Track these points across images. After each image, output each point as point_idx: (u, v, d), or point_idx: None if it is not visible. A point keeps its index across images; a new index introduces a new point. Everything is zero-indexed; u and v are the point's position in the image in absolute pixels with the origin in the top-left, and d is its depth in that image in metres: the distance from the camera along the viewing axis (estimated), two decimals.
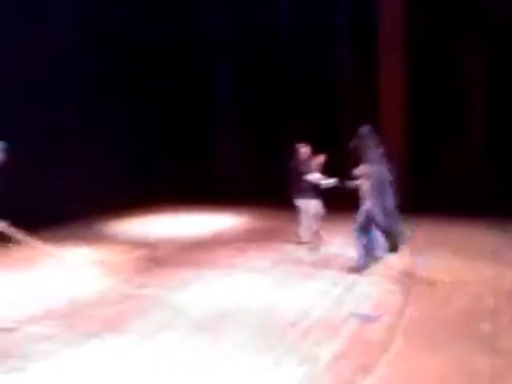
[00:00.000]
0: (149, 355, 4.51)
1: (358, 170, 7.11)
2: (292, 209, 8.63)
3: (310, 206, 8.38)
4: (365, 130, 7.10)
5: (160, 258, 8.03)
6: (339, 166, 8.13)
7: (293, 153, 8.66)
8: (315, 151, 8.55)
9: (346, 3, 13.21)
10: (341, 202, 8.29)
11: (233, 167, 14.00)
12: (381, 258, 7.33)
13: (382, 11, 11.98)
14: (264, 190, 12.00)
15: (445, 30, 12.18)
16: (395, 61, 11.86)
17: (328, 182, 8.16)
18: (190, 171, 13.52)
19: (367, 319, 5.27)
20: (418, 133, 11.92)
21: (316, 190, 8.34)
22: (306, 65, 13.39)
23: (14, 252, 7.58)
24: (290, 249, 8.41)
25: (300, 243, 8.52)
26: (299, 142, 8.64)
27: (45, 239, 7.32)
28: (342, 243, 8.44)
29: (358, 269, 7.03)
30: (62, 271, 7.27)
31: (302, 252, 8.19)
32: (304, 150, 8.56)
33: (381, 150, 7.13)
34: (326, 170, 8.38)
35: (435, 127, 12.24)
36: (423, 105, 12.04)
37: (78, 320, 5.39)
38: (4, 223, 5.24)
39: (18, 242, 5.71)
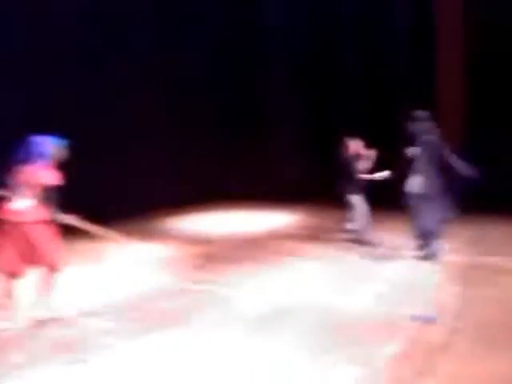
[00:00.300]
0: (204, 350, 4.54)
1: (409, 151, 7.15)
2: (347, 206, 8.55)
3: (361, 201, 8.30)
4: (420, 113, 7.15)
5: (216, 254, 8.09)
6: (391, 160, 8.04)
7: (343, 148, 8.58)
8: (370, 146, 8.46)
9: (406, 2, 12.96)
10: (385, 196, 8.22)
11: (289, 164, 13.96)
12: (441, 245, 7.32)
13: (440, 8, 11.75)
14: (319, 186, 11.91)
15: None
16: (454, 58, 11.61)
17: (380, 175, 8.07)
18: (247, 169, 13.60)
19: (428, 320, 5.14)
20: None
21: (364, 185, 8.28)
22: (363, 64, 13.23)
23: (78, 245, 7.81)
24: (346, 247, 8.32)
25: (355, 240, 8.43)
26: (350, 137, 8.55)
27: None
28: (395, 240, 8.32)
29: (429, 256, 7.10)
30: (125, 265, 7.46)
31: (358, 250, 8.09)
32: (354, 144, 8.46)
33: (436, 135, 7.09)
34: (378, 165, 8.30)
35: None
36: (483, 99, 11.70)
37: (138, 314, 5.50)
38: (73, 216, 5.40)
39: (89, 234, 5.85)
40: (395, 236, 8.64)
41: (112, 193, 10.20)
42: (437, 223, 7.19)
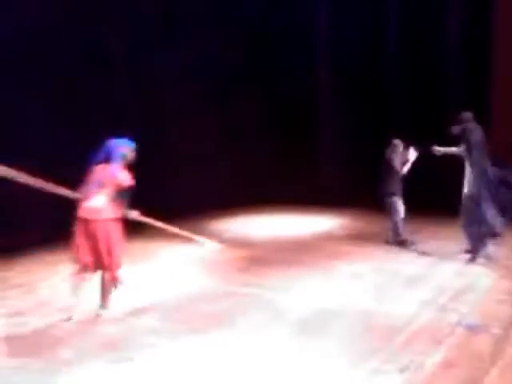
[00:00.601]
0: (246, 353, 4.57)
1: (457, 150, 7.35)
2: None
3: (401, 204, 8.27)
4: (467, 114, 7.29)
5: (261, 257, 8.12)
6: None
7: (387, 149, 8.54)
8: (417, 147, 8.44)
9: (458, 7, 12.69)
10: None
11: (335, 168, 13.90)
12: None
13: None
14: (366, 193, 11.81)
15: None
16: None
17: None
18: (293, 172, 13.58)
19: (475, 329, 5.02)
20: None
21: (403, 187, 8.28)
22: (410, 64, 13.03)
23: (128, 244, 7.99)
24: (393, 251, 8.23)
25: (399, 243, 8.36)
26: (394, 138, 8.52)
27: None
28: (446, 244, 8.20)
29: (477, 258, 7.19)
30: (172, 265, 7.59)
31: (404, 254, 7.99)
32: (397, 145, 8.42)
33: (482, 136, 7.23)
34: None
35: None
36: None
37: (183, 315, 5.58)
38: (136, 212, 5.64)
39: (141, 233, 6.09)
40: (446, 240, 8.50)
41: (162, 193, 10.39)
42: (488, 225, 7.11)
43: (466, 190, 7.24)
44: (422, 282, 6.64)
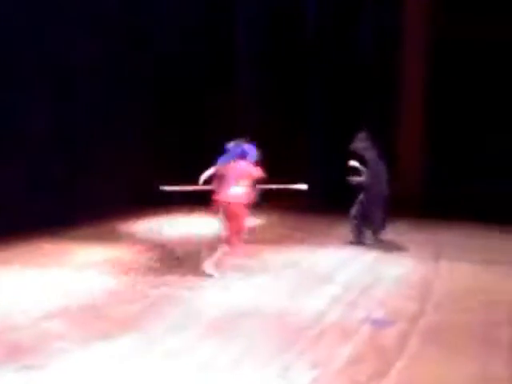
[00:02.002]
0: (159, 356, 4.53)
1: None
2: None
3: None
4: (363, 134, 8.52)
5: (176, 258, 8.04)
6: None
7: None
8: None
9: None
10: None
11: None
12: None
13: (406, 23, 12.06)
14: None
15: None
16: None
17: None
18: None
19: (381, 324, 5.24)
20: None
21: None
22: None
23: (38, 248, 7.72)
24: (305, 250, 8.41)
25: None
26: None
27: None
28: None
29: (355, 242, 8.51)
30: (82, 268, 7.35)
31: (319, 252, 8.23)
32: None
33: (377, 151, 8.49)
34: None
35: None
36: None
37: (92, 319, 5.42)
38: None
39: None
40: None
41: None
42: (373, 223, 8.61)
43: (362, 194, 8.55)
44: (333, 278, 6.83)
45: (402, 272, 7.15)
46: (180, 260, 7.74)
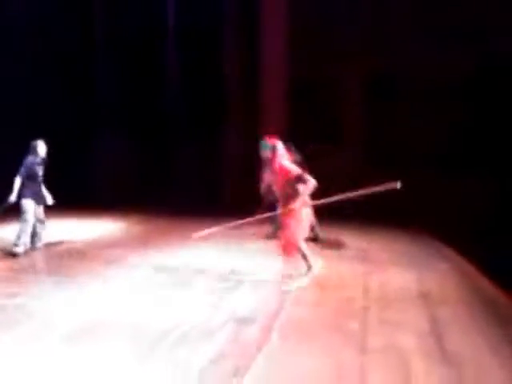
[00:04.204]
0: (14, 368, 4.26)
1: None
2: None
3: None
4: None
5: (31, 266, 7.61)
6: None
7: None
8: None
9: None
10: None
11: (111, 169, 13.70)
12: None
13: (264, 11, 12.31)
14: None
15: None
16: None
17: None
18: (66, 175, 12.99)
19: (244, 322, 5.31)
20: None
21: None
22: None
23: None
24: (167, 255, 8.33)
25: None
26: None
27: None
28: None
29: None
30: None
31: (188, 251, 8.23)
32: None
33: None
34: None
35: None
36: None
37: None
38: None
39: None
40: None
41: None
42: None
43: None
44: (192, 283, 6.80)
45: (265, 271, 7.29)
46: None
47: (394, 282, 6.89)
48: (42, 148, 8.38)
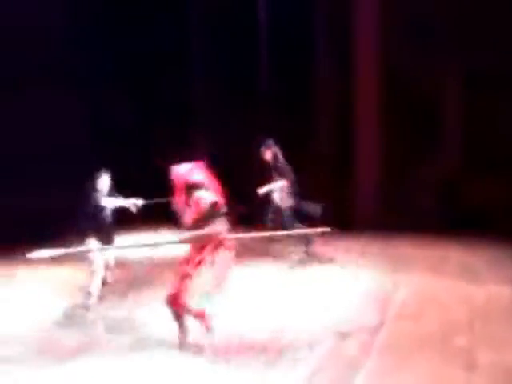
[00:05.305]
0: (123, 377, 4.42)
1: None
2: None
3: None
4: (269, 141, 8.13)
5: (135, 278, 7.80)
6: None
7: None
8: None
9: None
10: None
11: None
12: None
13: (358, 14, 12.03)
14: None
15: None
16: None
17: None
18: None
19: (343, 337, 5.20)
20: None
21: None
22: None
23: None
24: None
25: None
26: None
27: None
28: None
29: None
30: (34, 289, 7.06)
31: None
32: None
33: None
34: None
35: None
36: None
37: (46, 343, 5.23)
38: None
39: None
40: None
41: None
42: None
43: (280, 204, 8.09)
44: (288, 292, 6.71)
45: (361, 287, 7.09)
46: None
47: (500, 297, 6.54)
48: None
